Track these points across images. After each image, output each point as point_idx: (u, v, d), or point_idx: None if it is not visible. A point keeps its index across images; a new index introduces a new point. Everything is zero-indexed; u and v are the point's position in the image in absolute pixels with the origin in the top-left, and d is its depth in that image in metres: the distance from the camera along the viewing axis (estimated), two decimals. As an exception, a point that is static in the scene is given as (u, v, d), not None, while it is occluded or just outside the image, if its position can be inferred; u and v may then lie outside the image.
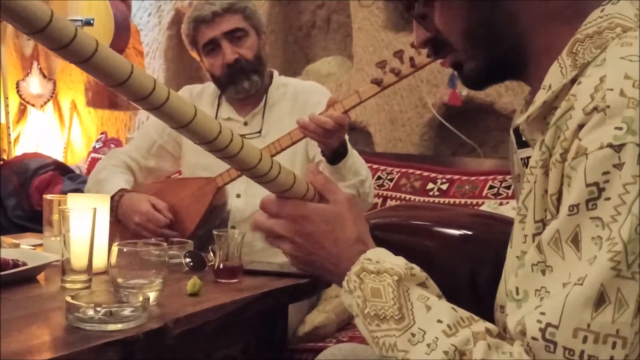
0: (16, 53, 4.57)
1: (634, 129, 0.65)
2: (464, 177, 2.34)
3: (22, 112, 4.53)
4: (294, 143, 1.78)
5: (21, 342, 0.98)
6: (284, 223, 0.86)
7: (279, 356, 1.54)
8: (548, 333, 0.65)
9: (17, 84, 4.35)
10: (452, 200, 2.29)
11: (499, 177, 2.26)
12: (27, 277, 1.36)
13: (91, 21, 3.63)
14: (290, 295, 1.45)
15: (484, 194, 2.24)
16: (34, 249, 1.65)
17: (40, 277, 1.40)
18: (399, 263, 0.79)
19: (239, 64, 1.98)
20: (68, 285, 1.30)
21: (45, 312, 1.15)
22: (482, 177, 2.30)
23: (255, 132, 2.02)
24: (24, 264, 1.36)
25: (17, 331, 1.02)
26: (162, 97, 0.70)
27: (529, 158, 0.82)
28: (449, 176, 2.38)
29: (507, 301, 0.73)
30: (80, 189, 3.02)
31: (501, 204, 2.10)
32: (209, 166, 1.94)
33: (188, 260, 1.53)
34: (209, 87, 2.13)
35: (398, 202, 2.38)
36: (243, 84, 1.99)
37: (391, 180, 2.46)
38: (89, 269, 1.31)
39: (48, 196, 1.61)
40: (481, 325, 0.73)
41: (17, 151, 4.28)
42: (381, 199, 2.42)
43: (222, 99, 2.11)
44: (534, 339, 0.66)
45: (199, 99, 2.12)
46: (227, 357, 1.40)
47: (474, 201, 2.24)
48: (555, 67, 0.78)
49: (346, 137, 1.74)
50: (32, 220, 3.18)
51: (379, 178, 2.49)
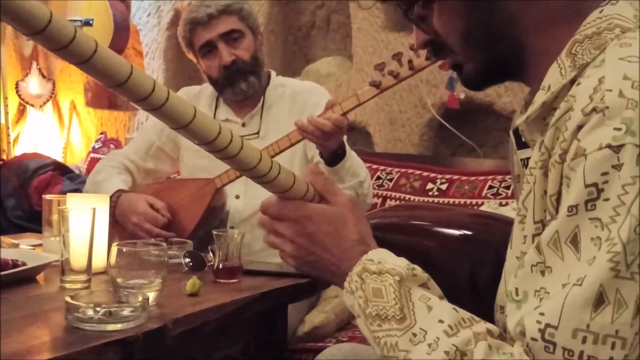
0: (15, 53, 4.57)
1: (633, 129, 0.65)
2: (464, 177, 2.34)
3: (21, 112, 4.53)
4: (292, 145, 1.77)
5: (21, 342, 0.98)
6: (286, 224, 0.86)
7: (279, 356, 1.54)
8: (547, 334, 0.65)
9: (17, 84, 4.35)
10: (451, 201, 2.29)
11: (499, 177, 2.26)
12: (27, 277, 1.36)
13: (90, 21, 3.63)
14: (290, 295, 1.45)
15: (483, 194, 2.24)
16: (34, 249, 1.65)
17: (40, 277, 1.40)
18: (400, 264, 0.80)
19: (235, 66, 1.97)
20: (67, 286, 1.30)
21: (45, 312, 1.15)
22: (481, 177, 2.30)
23: (253, 134, 2.02)
24: (23, 264, 1.36)
25: (16, 331, 1.02)
26: (162, 98, 0.70)
27: (528, 159, 0.82)
28: (448, 176, 2.37)
29: (507, 302, 0.73)
30: (79, 189, 3.01)
31: (501, 204, 2.10)
32: (207, 167, 1.93)
33: (187, 260, 1.52)
34: (207, 89, 2.13)
35: (398, 202, 2.38)
36: (240, 85, 1.99)
37: (391, 180, 2.46)
38: (88, 269, 1.31)
39: (47, 196, 1.61)
40: (482, 326, 0.73)
41: (17, 151, 4.28)
42: (381, 199, 2.42)
43: (220, 100, 2.10)
44: (533, 339, 0.66)
45: (197, 100, 2.12)
46: (227, 357, 1.40)
47: (474, 201, 2.24)
48: (554, 68, 0.78)
49: (345, 138, 1.74)
50: (32, 221, 3.18)
51: (378, 178, 2.48)
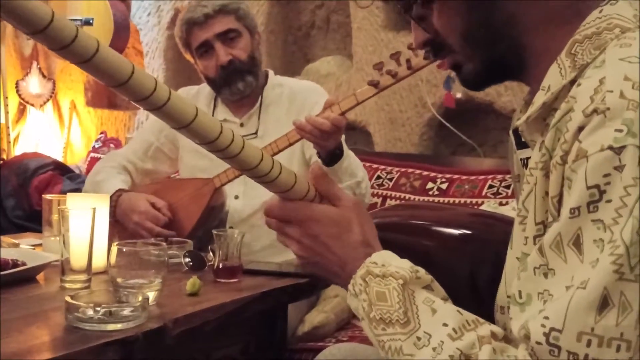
0: (15, 53, 4.57)
1: (634, 131, 0.65)
2: (464, 177, 2.34)
3: (21, 112, 4.53)
4: (291, 144, 1.77)
5: (21, 342, 0.98)
6: (292, 225, 0.86)
7: (279, 356, 1.54)
8: (552, 337, 0.65)
9: (17, 83, 4.35)
10: (451, 200, 2.28)
11: (499, 176, 2.26)
12: (27, 277, 1.36)
13: (90, 21, 3.63)
14: (290, 295, 1.45)
15: (483, 194, 2.24)
16: (34, 248, 1.65)
17: (40, 277, 1.40)
18: (404, 266, 0.79)
19: (232, 65, 1.97)
20: (67, 285, 1.30)
21: (45, 312, 1.15)
22: (481, 177, 2.30)
23: (251, 134, 2.01)
24: (23, 263, 1.36)
25: (16, 331, 1.02)
26: (164, 97, 0.70)
27: (528, 159, 0.82)
28: (448, 176, 2.37)
29: (510, 304, 0.72)
30: (79, 188, 3.01)
31: (501, 204, 2.10)
32: (207, 168, 1.93)
33: (187, 260, 1.52)
34: (205, 89, 2.13)
35: (398, 201, 2.38)
36: (237, 85, 1.99)
37: (391, 179, 2.46)
38: (88, 268, 1.31)
39: (47, 196, 1.61)
40: (487, 328, 0.73)
41: (17, 151, 4.28)
42: (381, 198, 2.42)
43: (218, 100, 2.10)
44: (538, 343, 0.66)
45: (195, 101, 2.11)
46: (227, 357, 1.40)
47: (474, 200, 2.23)
48: (554, 68, 0.77)
49: (343, 138, 1.73)
50: (32, 220, 3.18)
51: (378, 177, 2.48)
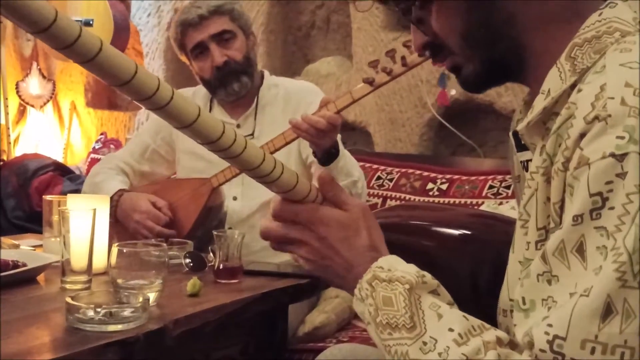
0: (15, 54, 4.57)
1: (636, 138, 0.64)
2: (464, 177, 2.34)
3: (21, 112, 4.53)
4: (287, 143, 1.77)
5: (21, 343, 0.98)
6: (299, 227, 0.85)
7: (279, 356, 1.54)
8: (556, 345, 0.64)
9: (17, 84, 4.35)
10: (451, 200, 2.28)
11: (499, 177, 2.26)
12: (27, 278, 1.35)
13: (90, 22, 3.63)
14: (290, 295, 1.45)
15: (483, 194, 2.24)
16: (34, 249, 1.65)
17: (40, 278, 1.40)
18: (410, 271, 0.79)
19: (228, 67, 1.97)
20: (68, 286, 1.30)
21: (45, 313, 1.15)
22: (481, 177, 2.30)
23: (248, 135, 2.01)
24: (23, 264, 1.36)
25: (17, 332, 1.02)
26: (167, 97, 0.70)
27: (528, 161, 0.82)
28: (448, 176, 2.37)
29: (514, 310, 0.72)
30: (80, 189, 3.01)
31: (501, 204, 2.10)
32: (204, 170, 1.94)
33: (188, 260, 1.52)
34: (200, 91, 2.12)
35: (398, 202, 2.38)
36: (233, 86, 1.99)
37: (391, 180, 2.46)
38: (88, 269, 1.31)
39: (48, 197, 1.61)
40: (492, 333, 0.73)
41: (17, 152, 4.27)
42: (381, 199, 2.42)
43: (214, 102, 2.10)
44: (542, 350, 0.65)
45: None
46: (227, 358, 1.40)
47: (474, 201, 2.23)
48: (554, 72, 0.77)
49: (339, 138, 1.73)
50: (32, 221, 3.18)
51: (378, 178, 2.48)
